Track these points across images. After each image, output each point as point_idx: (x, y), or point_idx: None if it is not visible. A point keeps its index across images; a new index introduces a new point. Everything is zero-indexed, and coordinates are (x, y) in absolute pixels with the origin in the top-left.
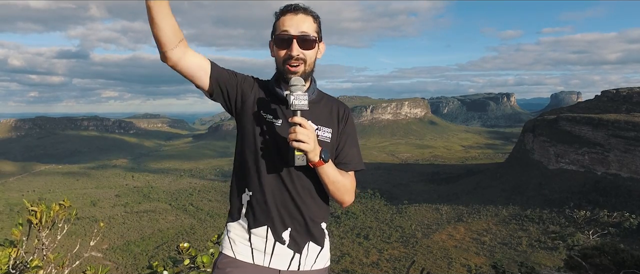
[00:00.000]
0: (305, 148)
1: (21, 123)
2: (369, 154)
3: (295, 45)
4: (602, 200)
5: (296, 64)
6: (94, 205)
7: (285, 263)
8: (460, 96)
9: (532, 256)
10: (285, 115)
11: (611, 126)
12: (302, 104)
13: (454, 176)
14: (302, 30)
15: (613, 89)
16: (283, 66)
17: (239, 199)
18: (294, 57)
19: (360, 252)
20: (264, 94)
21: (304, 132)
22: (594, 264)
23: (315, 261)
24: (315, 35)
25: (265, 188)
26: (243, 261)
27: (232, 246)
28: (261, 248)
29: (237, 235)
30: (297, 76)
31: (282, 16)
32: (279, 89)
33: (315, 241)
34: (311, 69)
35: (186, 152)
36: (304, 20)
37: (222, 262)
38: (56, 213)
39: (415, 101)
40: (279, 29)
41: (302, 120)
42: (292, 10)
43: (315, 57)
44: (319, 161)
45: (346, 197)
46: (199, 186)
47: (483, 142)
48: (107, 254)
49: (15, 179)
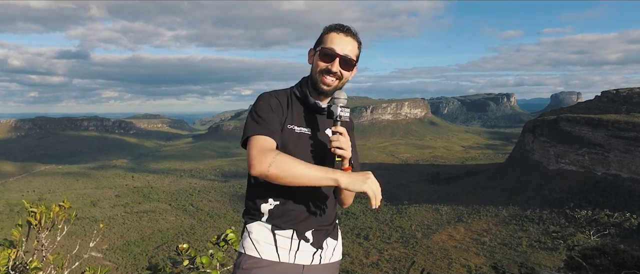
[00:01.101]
0: (344, 155)
1: (21, 123)
2: (369, 155)
3: (337, 62)
4: (602, 200)
5: (332, 79)
6: (94, 205)
7: (308, 258)
8: (460, 96)
9: (532, 257)
10: (319, 124)
11: (611, 126)
12: (346, 115)
13: (454, 176)
14: (347, 52)
15: (613, 90)
16: (319, 76)
17: (262, 205)
18: (333, 72)
19: (360, 252)
20: (293, 105)
21: (344, 140)
22: (594, 264)
23: (333, 254)
24: (355, 59)
25: (293, 196)
26: (269, 260)
27: (256, 246)
28: (286, 247)
29: (261, 236)
30: (329, 88)
31: (332, 32)
32: (312, 96)
33: (332, 236)
34: (341, 86)
35: (186, 152)
36: (350, 43)
37: (247, 263)
38: (56, 214)
39: (415, 102)
40: (326, 43)
41: (343, 129)
42: (343, 30)
43: (347, 79)
44: (348, 166)
45: (350, 201)
46: (199, 186)
47: (483, 142)
48: (107, 255)
49: (16, 179)
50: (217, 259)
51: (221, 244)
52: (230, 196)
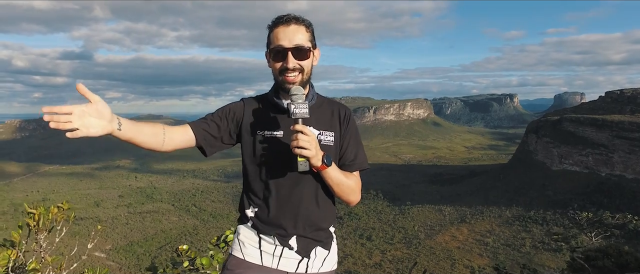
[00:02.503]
0: (307, 154)
1: (25, 124)
2: (371, 155)
3: (290, 57)
4: (606, 201)
5: (293, 74)
6: (97, 206)
7: (292, 266)
8: (463, 97)
9: (536, 258)
10: (288, 124)
11: (615, 126)
12: (303, 112)
13: (457, 177)
14: (296, 42)
15: (617, 90)
16: (280, 77)
17: (247, 211)
18: (291, 68)
19: (363, 253)
20: (261, 109)
21: (305, 139)
22: (597, 266)
23: (323, 264)
24: (309, 44)
25: (271, 201)
26: (252, 262)
27: (242, 248)
28: (270, 252)
29: (247, 238)
30: (294, 85)
31: (274, 28)
32: (279, 99)
33: (323, 246)
34: (308, 77)
35: (189, 153)
36: (296, 31)
37: (231, 263)
38: (54, 215)
39: (418, 102)
40: (273, 41)
41: (303, 127)
42: (283, 21)
43: (312, 65)
44: (321, 165)
45: (352, 198)
46: (202, 186)
47: (486, 143)
48: (111, 255)
49: (20, 179)
50: (217, 260)
51: (221, 245)
52: (233, 196)
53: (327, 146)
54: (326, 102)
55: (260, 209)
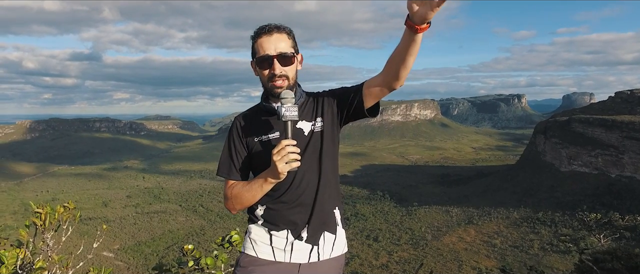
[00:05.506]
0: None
1: (36, 125)
2: (378, 156)
3: (276, 64)
4: (616, 203)
5: (280, 81)
6: (105, 206)
7: (304, 256)
8: (470, 98)
9: (544, 260)
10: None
11: (625, 127)
12: (292, 115)
13: (464, 177)
14: (279, 49)
15: (627, 90)
16: (269, 84)
17: (256, 211)
18: (277, 75)
19: (369, 254)
20: (255, 118)
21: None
22: (606, 268)
23: (333, 249)
24: (292, 50)
25: (279, 197)
26: (265, 259)
27: (254, 246)
28: (281, 247)
29: (258, 236)
30: (282, 89)
31: (258, 39)
32: (269, 103)
33: (329, 230)
34: (294, 80)
35: (196, 153)
36: (279, 39)
37: (244, 260)
38: (60, 215)
39: (425, 103)
40: (258, 51)
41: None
42: (266, 31)
43: (296, 70)
44: (427, 25)
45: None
46: (209, 187)
47: (494, 143)
48: (119, 255)
49: (30, 179)
50: (221, 260)
51: (225, 246)
52: None
53: (320, 131)
54: (311, 96)
55: (269, 207)
